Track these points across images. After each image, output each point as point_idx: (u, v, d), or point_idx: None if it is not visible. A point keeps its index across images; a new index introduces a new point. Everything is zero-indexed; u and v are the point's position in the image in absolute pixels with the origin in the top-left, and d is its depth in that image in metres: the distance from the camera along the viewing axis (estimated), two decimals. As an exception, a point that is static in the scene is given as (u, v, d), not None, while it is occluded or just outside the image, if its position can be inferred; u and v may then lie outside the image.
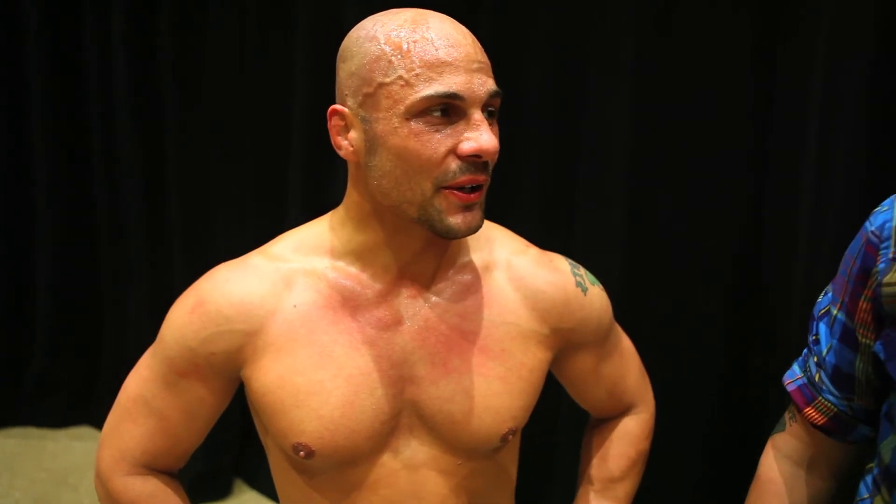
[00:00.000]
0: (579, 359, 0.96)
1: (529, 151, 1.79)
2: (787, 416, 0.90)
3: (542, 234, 1.19)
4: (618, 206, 1.73)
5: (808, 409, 0.83)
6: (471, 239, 0.87)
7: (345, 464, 0.83)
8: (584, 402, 1.05)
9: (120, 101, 2.37)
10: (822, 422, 0.82)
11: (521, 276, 0.89)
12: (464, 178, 0.73)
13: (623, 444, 1.05)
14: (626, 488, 1.05)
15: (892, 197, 0.75)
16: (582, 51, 1.70)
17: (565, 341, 0.92)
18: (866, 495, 0.75)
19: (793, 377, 0.87)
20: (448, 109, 0.72)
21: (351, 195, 0.82)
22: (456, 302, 0.85)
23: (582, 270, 0.95)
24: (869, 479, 0.75)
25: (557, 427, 1.84)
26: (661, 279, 1.74)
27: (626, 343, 1.04)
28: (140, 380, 0.88)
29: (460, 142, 0.72)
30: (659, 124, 1.66)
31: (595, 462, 1.06)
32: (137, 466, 0.89)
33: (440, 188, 0.74)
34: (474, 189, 0.75)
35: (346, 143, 0.78)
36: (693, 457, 1.75)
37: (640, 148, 1.68)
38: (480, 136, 0.72)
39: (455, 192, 0.74)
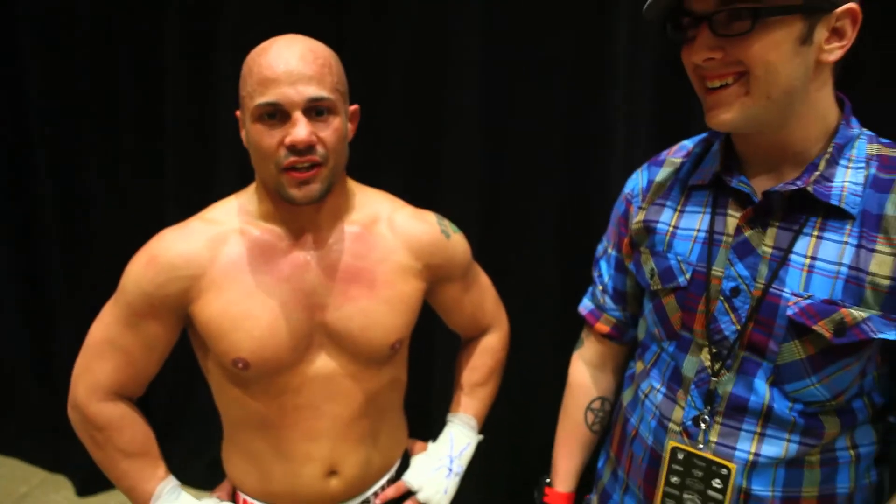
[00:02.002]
0: (447, 289, 1.26)
1: (395, 134, 2.00)
2: (583, 334, 1.26)
3: (411, 199, 1.42)
4: (473, 178, 1.95)
5: (597, 324, 1.20)
6: (359, 201, 1.16)
7: (272, 373, 1.09)
8: (453, 324, 1.35)
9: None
10: (606, 330, 1.19)
11: (399, 226, 1.17)
12: (290, 161, 0.98)
13: (484, 357, 1.38)
14: (487, 391, 1.38)
15: (637, 171, 1.12)
16: (439, 47, 1.90)
17: (435, 276, 1.21)
18: (632, 364, 1.11)
19: (584, 306, 1.24)
20: (277, 114, 0.97)
21: (255, 174, 1.09)
22: (350, 247, 1.12)
23: (446, 222, 1.25)
24: (635, 356, 1.12)
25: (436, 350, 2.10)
26: (512, 237, 1.97)
27: (483, 278, 1.36)
28: (104, 326, 1.11)
29: (286, 136, 0.97)
30: (506, 105, 1.87)
31: (464, 372, 1.38)
32: (109, 394, 1.13)
33: (280, 170, 1.00)
34: (308, 168, 0.99)
35: (242, 135, 1.05)
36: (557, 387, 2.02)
37: (490, 135, 1.89)
38: (296, 132, 0.97)
39: (290, 172, 0.99)
